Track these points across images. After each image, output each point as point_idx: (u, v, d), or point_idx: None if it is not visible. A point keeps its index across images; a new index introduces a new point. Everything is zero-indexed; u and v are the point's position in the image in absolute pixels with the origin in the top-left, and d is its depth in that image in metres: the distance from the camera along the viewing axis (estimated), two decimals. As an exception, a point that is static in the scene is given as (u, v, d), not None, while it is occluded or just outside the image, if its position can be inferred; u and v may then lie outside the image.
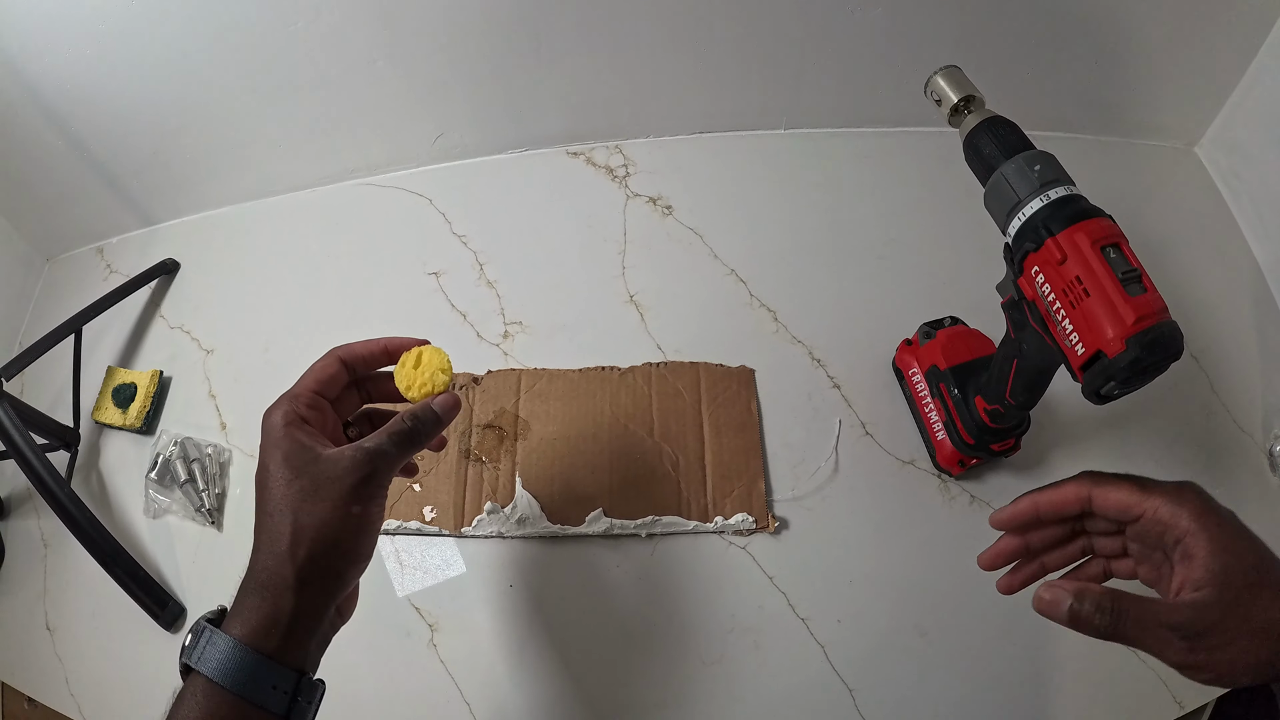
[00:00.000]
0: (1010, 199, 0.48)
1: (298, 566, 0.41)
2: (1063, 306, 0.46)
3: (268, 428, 0.45)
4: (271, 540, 0.42)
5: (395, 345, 0.51)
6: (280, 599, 0.41)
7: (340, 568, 0.43)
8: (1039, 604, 0.41)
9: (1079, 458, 0.71)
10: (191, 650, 0.40)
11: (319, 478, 0.42)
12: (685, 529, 0.69)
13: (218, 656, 0.39)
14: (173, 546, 0.75)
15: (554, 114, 0.89)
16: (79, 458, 0.81)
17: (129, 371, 0.84)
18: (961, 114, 0.51)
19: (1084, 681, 0.63)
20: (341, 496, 0.42)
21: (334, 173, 0.94)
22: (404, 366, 0.50)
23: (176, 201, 0.95)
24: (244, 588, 0.42)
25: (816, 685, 0.64)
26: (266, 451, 0.44)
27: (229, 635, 0.39)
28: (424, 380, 0.50)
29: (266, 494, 0.43)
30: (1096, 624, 0.40)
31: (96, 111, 0.82)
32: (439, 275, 0.86)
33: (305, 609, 0.41)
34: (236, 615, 0.41)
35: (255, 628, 0.40)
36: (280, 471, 0.43)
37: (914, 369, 0.72)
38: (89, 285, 0.94)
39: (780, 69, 0.85)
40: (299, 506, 0.42)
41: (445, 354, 0.51)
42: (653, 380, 0.76)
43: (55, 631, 0.74)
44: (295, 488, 0.42)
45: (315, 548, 0.41)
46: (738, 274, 0.83)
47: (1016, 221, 0.48)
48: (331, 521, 0.42)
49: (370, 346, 0.51)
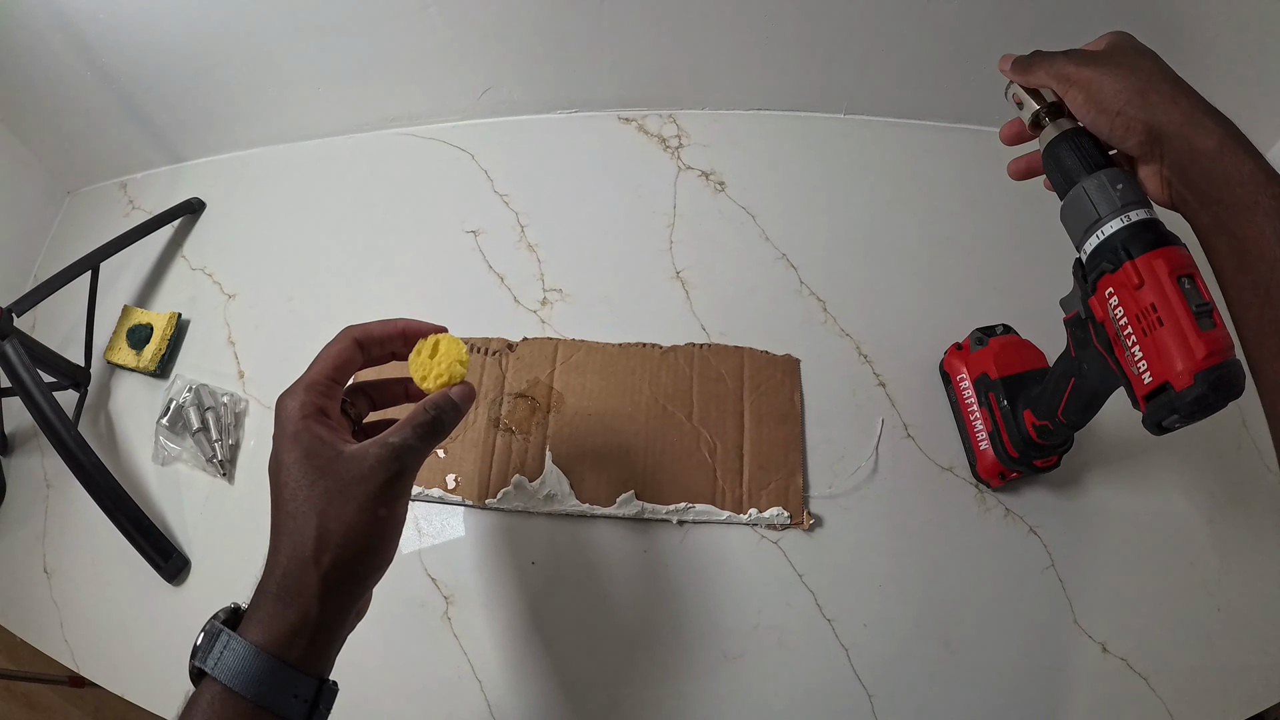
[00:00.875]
0: (1090, 216, 0.46)
1: (323, 574, 0.39)
2: (1134, 332, 0.45)
3: (283, 418, 0.43)
4: (295, 545, 0.40)
5: (413, 330, 0.50)
6: (306, 606, 0.39)
7: (364, 573, 0.42)
8: (1001, 64, 0.51)
9: (1113, 481, 0.69)
10: (205, 654, 0.38)
11: (344, 477, 0.41)
12: (718, 519, 0.67)
13: (236, 663, 0.37)
14: (180, 496, 0.73)
15: (609, 76, 0.86)
16: (88, 398, 0.78)
17: (146, 312, 0.81)
18: (1042, 121, 0.49)
19: (1094, 706, 0.62)
20: (368, 498, 0.41)
21: (373, 120, 0.91)
22: (419, 354, 0.49)
23: (206, 139, 0.92)
24: (263, 590, 0.40)
25: (837, 688, 0.63)
26: (283, 445, 0.42)
27: (248, 641, 0.38)
28: (440, 371, 0.48)
29: (286, 493, 0.41)
30: (1020, 59, 0.49)
31: (128, 41, 0.80)
32: (477, 234, 0.83)
33: (330, 615, 0.40)
34: (256, 620, 0.39)
35: (279, 635, 0.38)
36: (301, 470, 0.41)
37: (962, 375, 0.70)
38: (110, 221, 0.91)
39: (846, 53, 0.82)
40: (324, 510, 0.40)
41: (462, 344, 0.50)
42: (695, 362, 0.73)
43: (53, 575, 0.72)
44: (319, 489, 0.40)
45: (341, 554, 0.40)
46: (789, 259, 0.80)
47: (1094, 239, 0.46)
48: (358, 526, 0.40)
49: (387, 328, 0.49)
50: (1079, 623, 0.64)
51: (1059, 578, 0.66)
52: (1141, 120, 0.43)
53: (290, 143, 0.92)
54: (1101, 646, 0.63)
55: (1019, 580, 0.66)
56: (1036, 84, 0.48)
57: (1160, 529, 0.67)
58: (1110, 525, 0.68)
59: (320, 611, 0.39)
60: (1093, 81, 0.44)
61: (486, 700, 0.62)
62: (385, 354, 0.50)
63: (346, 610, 0.41)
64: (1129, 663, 0.63)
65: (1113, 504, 0.68)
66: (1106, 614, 0.64)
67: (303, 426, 0.42)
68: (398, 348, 0.50)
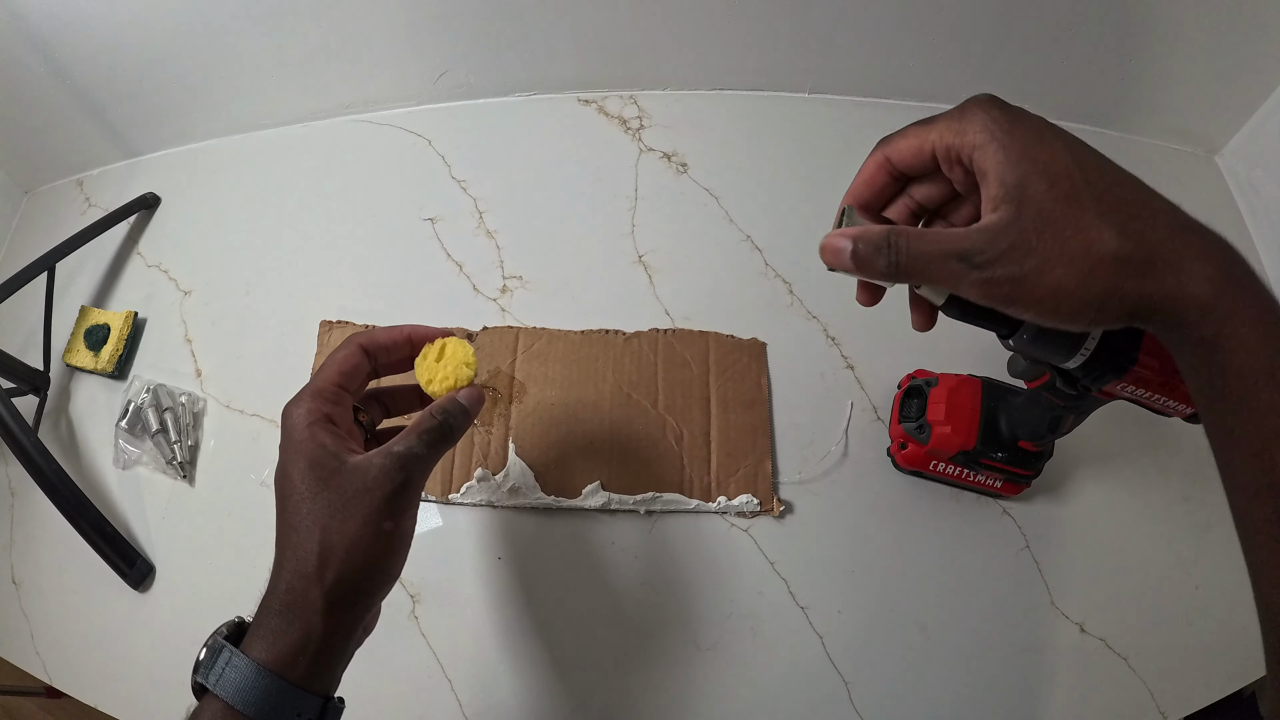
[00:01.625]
0: (1063, 340, 0.40)
1: (326, 590, 0.38)
2: (1159, 393, 0.42)
3: (289, 427, 0.42)
4: (298, 560, 0.39)
5: (419, 334, 0.49)
6: (309, 624, 0.38)
7: (369, 590, 0.40)
8: (825, 255, 0.36)
9: (1087, 461, 0.68)
10: (208, 670, 0.37)
11: (347, 490, 0.39)
12: (686, 508, 0.66)
13: (238, 680, 0.36)
14: (142, 500, 0.72)
15: (567, 58, 0.84)
16: (48, 403, 0.77)
17: (103, 312, 0.80)
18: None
19: (1074, 687, 0.62)
20: (373, 511, 0.39)
21: (327, 107, 0.89)
22: (425, 359, 0.48)
23: (160, 132, 0.90)
24: (266, 607, 0.39)
25: (812, 676, 0.62)
26: (288, 455, 0.41)
27: (251, 658, 0.37)
28: (446, 374, 0.48)
29: (289, 505, 0.40)
30: (879, 266, 0.35)
31: (82, 37, 0.78)
32: (435, 221, 0.81)
33: (334, 633, 0.39)
34: (259, 637, 0.38)
35: (282, 653, 0.38)
36: (305, 481, 0.40)
37: (936, 463, 0.64)
38: (67, 219, 0.89)
39: (810, 30, 0.80)
40: (327, 524, 0.39)
41: (470, 347, 0.49)
42: (659, 348, 0.72)
43: (21, 586, 0.71)
44: (322, 501, 0.39)
45: (345, 570, 0.39)
46: (753, 241, 0.78)
47: (1079, 358, 0.40)
48: (362, 541, 0.39)
49: (393, 334, 0.48)
50: (1056, 604, 0.64)
51: (1034, 559, 0.65)
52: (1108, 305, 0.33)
53: (245, 133, 0.90)
54: (1079, 627, 0.63)
55: (994, 562, 0.65)
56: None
57: (1136, 508, 0.67)
58: (1085, 506, 0.67)
59: (324, 629, 0.38)
60: (1024, 288, 0.33)
61: (458, 699, 0.62)
62: (394, 360, 0.49)
63: (352, 628, 0.40)
64: (1108, 643, 0.62)
65: (1087, 484, 0.68)
66: (1084, 594, 0.64)
67: (308, 435, 0.41)
68: (405, 353, 0.49)
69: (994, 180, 0.33)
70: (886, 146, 0.38)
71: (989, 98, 0.34)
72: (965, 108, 0.35)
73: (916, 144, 0.36)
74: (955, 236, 0.33)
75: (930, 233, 0.34)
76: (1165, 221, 0.32)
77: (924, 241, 0.34)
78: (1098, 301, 0.32)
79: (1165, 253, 0.31)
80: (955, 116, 0.35)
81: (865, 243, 0.35)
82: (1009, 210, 0.32)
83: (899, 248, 0.34)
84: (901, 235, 0.34)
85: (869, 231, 0.35)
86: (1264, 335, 0.31)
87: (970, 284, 0.33)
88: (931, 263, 0.34)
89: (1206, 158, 0.86)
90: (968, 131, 0.34)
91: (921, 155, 0.36)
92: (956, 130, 0.34)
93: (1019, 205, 0.32)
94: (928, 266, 0.34)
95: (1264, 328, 0.31)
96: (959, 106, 0.35)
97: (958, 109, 0.35)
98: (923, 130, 0.36)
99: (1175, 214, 0.33)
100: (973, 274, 0.33)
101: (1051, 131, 0.33)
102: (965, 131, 0.34)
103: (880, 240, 0.34)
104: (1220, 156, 0.86)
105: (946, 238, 0.33)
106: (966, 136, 0.34)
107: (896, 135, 0.37)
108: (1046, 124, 0.34)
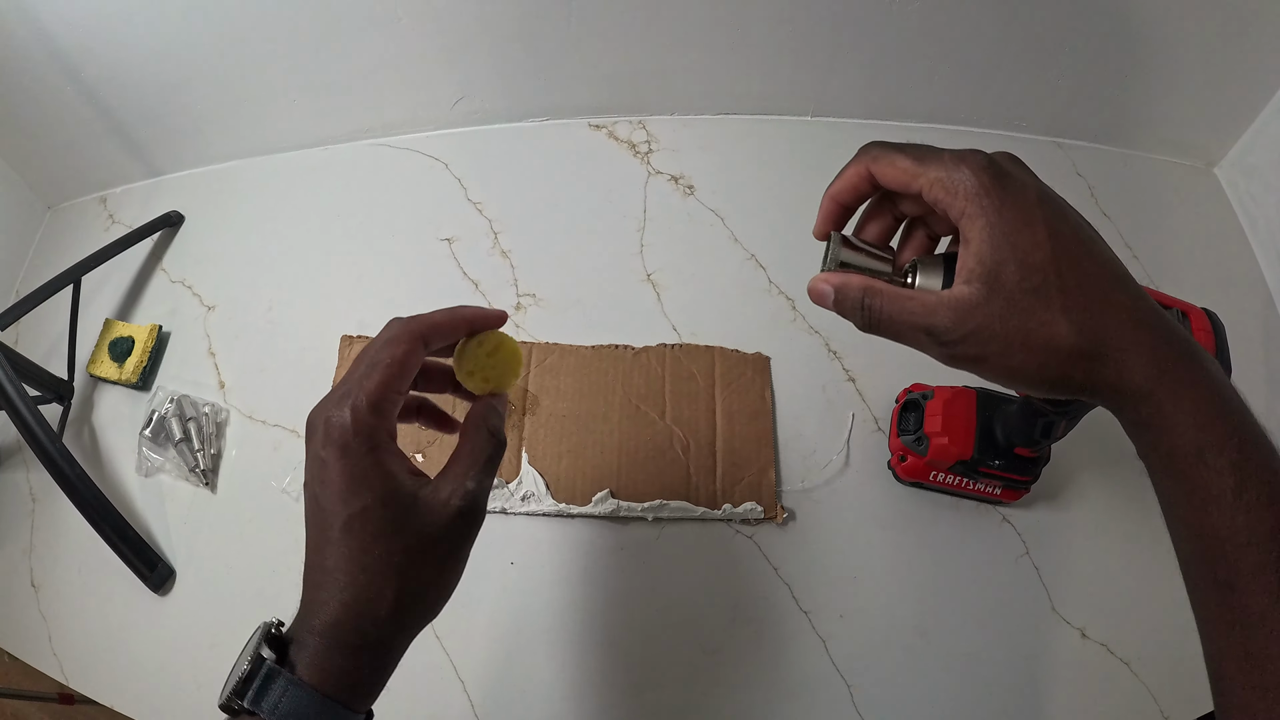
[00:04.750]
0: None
1: (402, 629, 0.38)
2: None
3: (347, 448, 0.36)
4: (371, 601, 0.36)
5: (480, 320, 0.43)
6: (380, 662, 0.37)
7: (431, 617, 0.40)
8: (811, 297, 0.39)
9: (1084, 466, 0.69)
10: (260, 696, 0.34)
11: (425, 533, 0.37)
12: (693, 515, 0.68)
13: (296, 709, 0.34)
14: (164, 507, 0.73)
15: (579, 84, 0.87)
16: (72, 411, 0.79)
17: (127, 325, 0.82)
18: None
19: (1077, 692, 0.62)
20: (451, 557, 0.38)
21: (348, 131, 0.92)
22: (480, 345, 0.43)
23: (184, 153, 0.93)
24: (330, 639, 0.36)
25: (816, 679, 0.63)
26: (348, 484, 0.36)
27: (312, 688, 0.35)
28: (496, 374, 0.43)
29: (356, 541, 0.36)
30: (854, 320, 0.38)
31: (108, 57, 0.80)
32: (451, 242, 0.84)
33: (394, 661, 0.39)
34: (317, 668, 0.35)
35: (343, 686, 0.36)
36: (376, 520, 0.36)
37: (935, 473, 0.66)
38: (90, 235, 0.92)
39: (812, 55, 0.83)
40: (404, 570, 0.36)
41: (521, 352, 0.44)
42: (666, 362, 0.74)
43: (40, 589, 0.72)
44: (398, 544, 0.36)
45: (422, 609, 0.38)
46: (757, 259, 0.81)
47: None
48: (438, 583, 0.38)
49: (454, 318, 0.42)
50: (1057, 610, 0.64)
51: (1034, 565, 0.66)
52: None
53: (266, 155, 0.93)
54: (1080, 632, 0.64)
55: (993, 569, 0.66)
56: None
57: (1135, 513, 0.67)
58: (1085, 511, 0.68)
59: (387, 659, 0.38)
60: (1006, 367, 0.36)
61: (470, 700, 0.63)
62: (447, 344, 0.43)
63: (405, 649, 0.39)
64: (1109, 648, 0.63)
65: (1087, 490, 0.69)
66: (1085, 600, 0.65)
67: (372, 463, 0.36)
68: (457, 340, 0.43)
69: (973, 254, 0.34)
70: (874, 164, 0.38)
71: (987, 160, 0.35)
72: (961, 163, 0.35)
73: (906, 179, 0.36)
74: (925, 309, 0.35)
75: (902, 297, 0.36)
76: (1121, 316, 0.34)
77: (896, 307, 0.36)
78: (1050, 381, 0.35)
79: (1113, 346, 0.34)
80: (950, 167, 0.35)
81: (842, 296, 0.38)
82: (980, 290, 0.34)
83: (871, 309, 0.37)
84: (876, 296, 0.37)
85: (848, 284, 0.38)
86: (1197, 422, 0.33)
87: (935, 355, 0.37)
88: (901, 329, 0.36)
89: (1205, 170, 0.88)
90: (958, 194, 0.34)
91: (907, 188, 0.37)
92: (947, 188, 0.35)
93: (990, 288, 0.34)
94: (897, 331, 0.37)
95: (1198, 415, 0.33)
96: (956, 156, 0.35)
97: (954, 159, 0.35)
98: (914, 168, 0.36)
99: (1137, 305, 0.35)
100: (938, 349, 0.36)
101: (1041, 212, 0.34)
102: (956, 193, 0.34)
103: (856, 299, 0.37)
104: (1219, 168, 0.87)
105: (917, 309, 0.36)
106: (956, 201, 0.34)
107: (884, 159, 0.37)
108: (1038, 200, 0.34)
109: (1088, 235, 0.35)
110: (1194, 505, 0.34)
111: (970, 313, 0.34)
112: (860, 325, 0.38)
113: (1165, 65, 0.79)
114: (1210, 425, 0.33)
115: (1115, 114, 0.85)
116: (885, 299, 0.36)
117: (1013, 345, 0.34)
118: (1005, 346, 0.34)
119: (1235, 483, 0.32)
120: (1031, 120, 0.87)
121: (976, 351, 0.35)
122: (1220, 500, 0.33)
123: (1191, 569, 0.35)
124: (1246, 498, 0.32)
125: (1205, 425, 0.33)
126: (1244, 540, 0.32)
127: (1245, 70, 0.78)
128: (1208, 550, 0.34)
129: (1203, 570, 0.34)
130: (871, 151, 0.38)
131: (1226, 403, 0.34)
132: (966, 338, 0.35)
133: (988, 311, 0.34)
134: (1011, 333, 0.34)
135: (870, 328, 0.38)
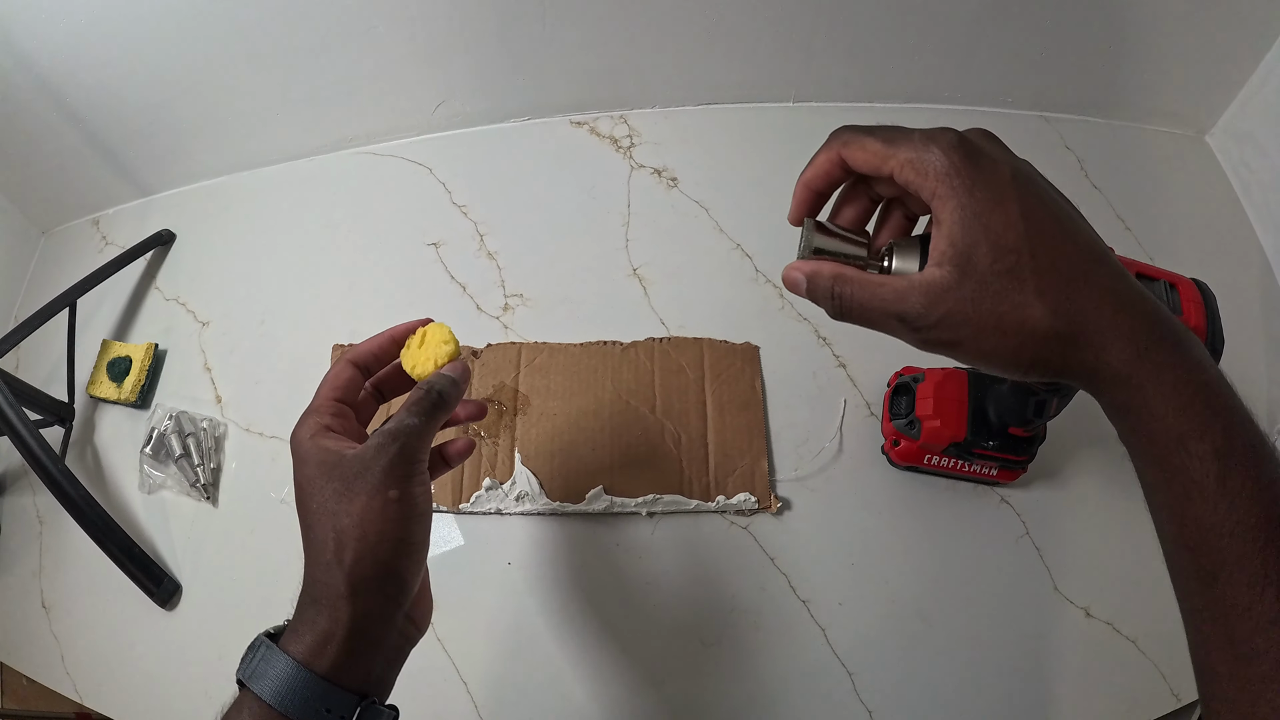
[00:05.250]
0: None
1: (347, 571, 0.38)
2: None
3: (295, 445, 0.43)
4: (317, 551, 0.39)
5: (400, 332, 0.50)
6: (335, 611, 0.38)
7: (393, 562, 0.40)
8: (785, 285, 0.39)
9: (1081, 444, 0.69)
10: (247, 666, 0.38)
11: (348, 475, 0.40)
12: (687, 508, 0.68)
13: (269, 674, 0.37)
14: (168, 522, 0.74)
15: (558, 82, 0.87)
16: (73, 433, 0.80)
17: (124, 345, 0.83)
18: None
19: (1083, 672, 0.62)
20: (375, 485, 0.40)
21: (332, 141, 0.92)
22: (409, 349, 0.49)
23: (172, 171, 0.94)
24: (300, 604, 0.40)
25: (816, 668, 0.63)
26: (298, 469, 0.42)
27: (283, 652, 0.37)
28: (428, 356, 0.49)
29: (304, 509, 0.41)
30: (826, 308, 0.38)
31: (90, 81, 0.81)
32: (438, 246, 0.84)
33: (364, 618, 0.39)
34: (290, 630, 0.39)
35: (310, 645, 0.38)
36: (313, 482, 0.41)
37: (930, 456, 0.65)
38: (84, 258, 0.93)
39: (790, 41, 0.82)
40: (335, 509, 0.39)
41: (448, 327, 0.50)
42: (655, 356, 0.74)
43: (51, 609, 0.73)
44: (329, 491, 0.40)
45: (361, 546, 0.39)
46: (743, 249, 0.81)
47: None
48: (369, 514, 0.39)
49: (377, 341, 0.49)
50: (1059, 589, 0.64)
51: (1035, 545, 0.66)
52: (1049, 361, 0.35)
53: (253, 169, 0.93)
54: (1085, 612, 0.63)
55: (993, 551, 0.66)
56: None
57: (1136, 489, 0.66)
58: (1084, 489, 0.68)
59: (351, 614, 0.38)
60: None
61: (473, 700, 0.64)
62: (387, 363, 0.50)
63: (384, 610, 0.40)
64: (1115, 626, 0.63)
65: (1085, 467, 0.68)
66: (1087, 579, 0.64)
67: (311, 445, 0.42)
68: (393, 355, 0.50)
69: (945, 235, 0.34)
70: (844, 149, 0.37)
71: (958, 139, 0.34)
72: (931, 143, 0.34)
73: (876, 162, 0.36)
74: (896, 295, 0.35)
75: (872, 284, 0.36)
76: (1099, 297, 0.33)
77: (866, 294, 0.36)
78: (1026, 365, 0.35)
79: (1090, 329, 0.33)
80: (920, 147, 0.34)
81: (814, 284, 0.38)
82: (951, 273, 0.33)
83: (842, 296, 0.36)
84: (846, 284, 0.36)
85: (820, 273, 0.37)
86: (1177, 406, 0.32)
87: (910, 341, 0.36)
88: (873, 316, 0.36)
89: (1197, 138, 0.87)
90: (929, 174, 0.34)
91: (879, 171, 0.36)
92: (918, 169, 0.34)
93: (962, 271, 0.33)
94: (869, 318, 0.36)
95: (1179, 399, 0.32)
96: (926, 136, 0.34)
97: (924, 139, 0.34)
98: (884, 150, 0.35)
99: (1116, 285, 0.34)
100: (911, 334, 0.36)
101: (1014, 191, 0.33)
102: (927, 174, 0.34)
103: (827, 287, 0.37)
104: (1211, 136, 0.86)
105: (888, 295, 0.35)
106: (927, 181, 0.34)
107: (854, 143, 0.37)
108: (1011, 178, 0.34)
109: (1065, 214, 0.35)
110: (1176, 493, 0.33)
111: (941, 297, 0.34)
112: (831, 314, 0.37)
113: (1151, 33, 0.78)
114: (1192, 410, 0.32)
115: (1102, 85, 0.84)
116: (855, 286, 0.36)
117: (986, 329, 0.34)
118: (978, 330, 0.34)
119: (1218, 470, 0.32)
120: (1017, 95, 0.86)
121: (950, 336, 0.34)
122: (1203, 488, 0.32)
123: (1175, 558, 0.35)
124: (1230, 486, 0.31)
125: (1187, 410, 0.32)
126: (1227, 530, 0.31)
127: (1233, 34, 0.77)
128: (1190, 539, 0.33)
129: (1186, 559, 0.34)
130: (842, 136, 0.37)
131: (1209, 386, 0.33)
132: (939, 323, 0.34)
133: (959, 295, 0.33)
134: (984, 316, 0.33)
135: (841, 315, 0.37)
